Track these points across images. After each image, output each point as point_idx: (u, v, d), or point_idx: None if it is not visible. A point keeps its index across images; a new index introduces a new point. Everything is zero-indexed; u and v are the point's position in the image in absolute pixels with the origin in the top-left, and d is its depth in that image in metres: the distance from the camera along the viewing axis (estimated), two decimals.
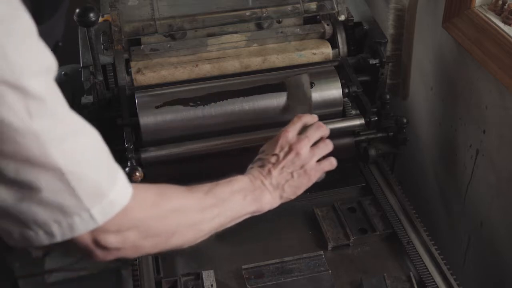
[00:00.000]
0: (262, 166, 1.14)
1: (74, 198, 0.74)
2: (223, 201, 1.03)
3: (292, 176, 1.14)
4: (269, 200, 1.12)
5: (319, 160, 1.18)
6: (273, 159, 1.14)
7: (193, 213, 0.96)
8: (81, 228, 0.76)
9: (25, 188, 0.71)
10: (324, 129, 1.21)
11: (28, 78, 0.66)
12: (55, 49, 0.84)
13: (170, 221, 0.91)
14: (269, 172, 1.13)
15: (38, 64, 0.70)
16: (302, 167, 1.15)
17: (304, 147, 1.16)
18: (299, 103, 1.32)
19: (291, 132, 1.18)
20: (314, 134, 1.19)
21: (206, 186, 1.02)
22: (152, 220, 0.87)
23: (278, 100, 1.35)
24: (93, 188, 0.76)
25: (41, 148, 0.69)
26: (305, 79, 1.33)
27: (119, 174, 0.81)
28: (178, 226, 0.93)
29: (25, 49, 0.67)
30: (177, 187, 0.96)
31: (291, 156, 1.14)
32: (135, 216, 0.83)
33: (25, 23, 0.69)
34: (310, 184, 1.17)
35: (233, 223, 1.06)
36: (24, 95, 0.66)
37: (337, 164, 1.42)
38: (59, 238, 0.76)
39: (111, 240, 0.81)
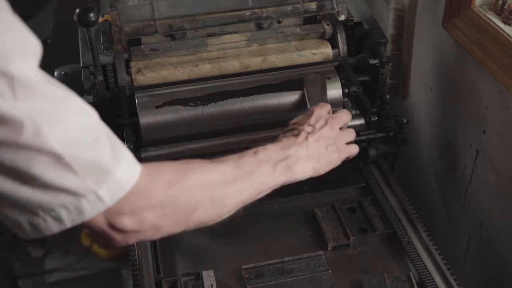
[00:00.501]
0: (296, 135, 1.11)
1: (77, 180, 0.72)
2: (250, 173, 0.99)
3: (327, 150, 1.13)
4: (302, 169, 1.09)
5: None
6: (309, 129, 1.12)
7: (216, 187, 0.93)
8: (90, 211, 0.75)
9: (25, 174, 0.70)
10: (350, 117, 1.24)
11: (14, 63, 0.65)
12: (44, 47, 0.83)
13: (190, 197, 0.88)
14: (306, 139, 1.10)
15: (24, 48, 0.68)
16: (335, 142, 1.15)
17: (338, 124, 1.17)
18: (315, 98, 1.32)
19: (324, 110, 1.19)
20: (345, 117, 1.21)
21: (231, 159, 0.99)
22: (169, 198, 0.84)
23: (278, 99, 1.35)
24: (96, 168, 0.74)
25: (34, 131, 0.68)
26: (323, 79, 1.35)
27: (125, 153, 0.79)
28: (200, 201, 0.89)
29: (9, 34, 0.67)
30: (200, 161, 0.94)
31: (326, 128, 1.14)
32: (150, 195, 0.81)
33: (5, 9, 0.68)
34: (339, 162, 1.17)
35: (262, 195, 1.04)
36: (10, 79, 0.65)
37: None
38: (68, 223, 0.75)
39: (126, 222, 0.79)
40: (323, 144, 1.13)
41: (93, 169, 0.74)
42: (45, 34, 0.92)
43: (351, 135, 1.21)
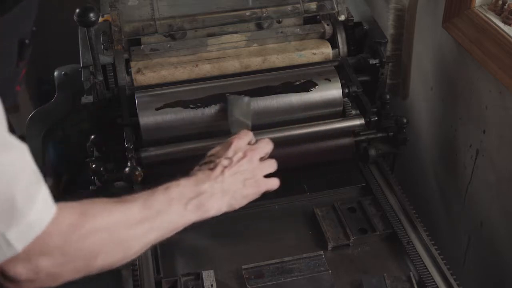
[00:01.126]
0: (212, 169, 1.06)
1: None
2: (159, 213, 0.94)
3: (244, 185, 1.09)
4: (216, 206, 1.04)
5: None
6: (225, 162, 1.08)
7: (121, 230, 0.87)
8: None
9: None
10: (271, 147, 1.18)
11: None
12: (21, 48, 0.81)
13: (93, 242, 0.82)
14: (221, 174, 1.06)
15: None
16: (253, 176, 1.10)
17: (256, 156, 1.12)
18: (238, 123, 1.28)
19: (243, 140, 1.13)
20: (265, 147, 1.16)
21: (140, 197, 0.93)
22: (70, 244, 0.78)
23: (277, 100, 1.35)
24: (6, 207, 0.68)
25: None
26: (247, 102, 1.31)
27: (41, 194, 0.73)
28: (103, 246, 0.84)
29: None
30: (107, 201, 0.87)
31: (244, 162, 1.09)
32: (49, 241, 0.74)
33: None
34: (256, 196, 1.13)
35: (172, 234, 0.98)
36: None
37: (337, 164, 1.43)
38: None
39: (20, 270, 0.72)
40: (240, 178, 1.08)
41: (3, 208, 0.68)
42: (23, 34, 0.90)
43: (271, 166, 1.16)
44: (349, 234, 1.25)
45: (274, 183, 1.16)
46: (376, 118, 1.37)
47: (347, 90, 1.38)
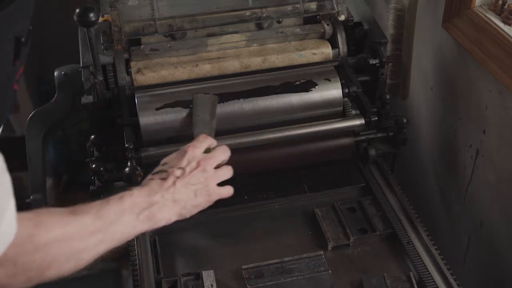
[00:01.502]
0: (164, 179, 1.07)
1: None
2: (111, 223, 0.95)
3: (195, 195, 1.09)
4: (166, 216, 1.05)
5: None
6: (178, 172, 1.08)
7: (74, 242, 0.88)
8: None
9: None
10: (229, 154, 1.18)
11: None
12: (18, 46, 0.81)
13: (46, 253, 0.83)
14: (173, 185, 1.06)
15: None
16: (205, 186, 1.10)
17: (211, 165, 1.12)
18: (202, 123, 1.27)
19: (198, 148, 1.13)
20: (220, 156, 1.16)
21: (94, 207, 0.95)
22: (23, 255, 0.79)
23: (277, 100, 1.35)
24: None
25: None
26: (213, 101, 1.30)
27: (10, 207, 0.75)
28: (56, 257, 0.85)
29: None
30: (62, 212, 0.89)
31: (197, 172, 1.09)
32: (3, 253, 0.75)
33: None
34: (207, 205, 1.13)
35: (122, 243, 1.00)
36: None
37: (337, 164, 1.43)
38: None
39: None
40: (192, 189, 1.08)
41: None
42: (19, 32, 0.90)
43: (226, 174, 1.16)
44: (349, 234, 1.25)
45: (226, 192, 1.16)
46: (376, 118, 1.37)
47: (347, 90, 1.38)
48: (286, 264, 1.19)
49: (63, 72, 1.55)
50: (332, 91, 1.37)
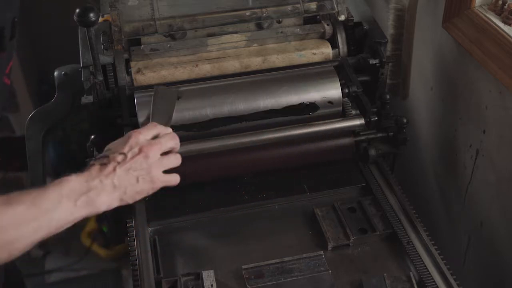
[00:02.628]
0: (105, 164, 1.07)
1: None
2: (47, 211, 0.95)
3: (137, 181, 1.09)
4: (106, 201, 1.06)
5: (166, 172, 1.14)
6: (119, 158, 1.08)
7: (8, 231, 0.89)
8: None
9: None
10: (177, 142, 1.17)
11: None
12: (13, 26, 0.81)
13: None
14: (113, 170, 1.06)
15: None
16: (148, 173, 1.10)
17: (154, 152, 1.11)
18: (159, 114, 1.27)
19: (143, 134, 1.13)
20: (167, 142, 1.15)
21: (30, 194, 0.95)
22: None
23: (277, 100, 1.35)
24: None
25: None
26: (173, 94, 1.30)
27: None
28: None
29: None
30: None
31: (139, 158, 1.09)
32: None
33: None
34: (151, 192, 1.13)
35: (61, 230, 1.00)
36: None
37: (337, 164, 1.43)
38: None
39: None
40: (133, 175, 1.08)
41: None
42: (13, 13, 0.90)
43: (172, 162, 1.15)
44: (349, 234, 1.25)
45: (173, 180, 1.16)
46: (376, 118, 1.37)
47: (347, 90, 1.38)
48: (286, 264, 1.19)
49: (63, 72, 1.55)
50: (331, 91, 1.37)
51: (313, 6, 1.49)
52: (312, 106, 1.36)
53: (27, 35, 2.75)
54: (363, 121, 1.37)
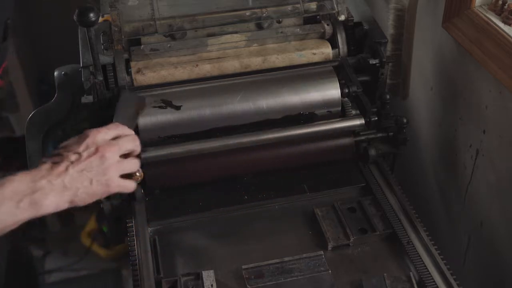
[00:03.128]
0: (57, 163, 1.01)
1: None
2: None
3: (91, 183, 1.02)
4: (53, 202, 0.99)
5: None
6: (73, 157, 1.02)
7: None
8: None
9: None
10: (138, 144, 1.12)
11: None
12: (6, 27, 0.81)
13: None
14: (65, 170, 1.00)
15: None
16: (104, 175, 1.04)
17: (112, 153, 1.05)
18: (123, 117, 1.22)
19: (102, 133, 1.07)
20: (126, 144, 1.09)
21: None
22: None
23: (277, 100, 1.35)
24: None
25: None
26: (141, 100, 1.27)
27: None
28: None
29: None
30: None
31: (95, 158, 1.03)
32: None
33: None
34: (104, 195, 1.07)
35: (4, 232, 0.95)
36: None
37: (337, 164, 1.43)
38: None
39: None
40: (87, 176, 1.02)
41: None
42: (5, 14, 0.90)
43: (133, 165, 1.10)
44: (349, 234, 1.25)
45: (129, 186, 1.11)
46: (376, 118, 1.37)
47: (347, 90, 1.38)
48: (286, 264, 1.19)
49: (63, 72, 1.55)
50: (330, 91, 1.37)
51: (313, 6, 1.49)
52: (310, 116, 1.36)
53: (27, 35, 2.76)
54: (363, 121, 1.37)
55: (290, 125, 1.36)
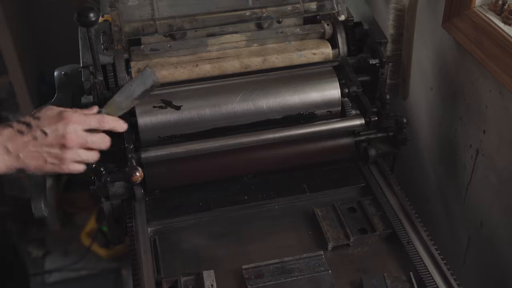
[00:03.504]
0: (22, 132, 1.05)
1: None
2: None
3: (45, 163, 1.07)
4: (1, 168, 1.04)
5: None
6: (38, 134, 1.06)
7: None
8: None
9: None
10: (107, 145, 1.15)
11: None
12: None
13: None
14: (25, 144, 1.04)
15: None
16: (60, 161, 1.08)
17: (76, 146, 1.09)
18: (126, 93, 1.24)
19: (77, 124, 1.09)
20: (95, 143, 1.12)
21: None
22: None
23: (277, 100, 1.35)
24: None
25: None
26: (153, 84, 1.24)
27: None
28: None
29: None
30: None
31: (57, 145, 1.07)
32: None
33: None
34: (60, 171, 1.11)
35: None
36: None
37: (337, 164, 1.43)
38: None
39: None
40: (43, 156, 1.06)
41: None
42: None
43: (100, 141, 1.13)
44: (349, 234, 1.25)
45: (78, 169, 1.14)
46: (376, 118, 1.37)
47: (347, 90, 1.38)
48: (286, 264, 1.19)
49: (63, 72, 1.55)
50: (330, 91, 1.37)
51: (313, 6, 1.49)
52: (310, 116, 1.36)
53: (27, 35, 2.76)
54: (363, 121, 1.37)
55: (290, 125, 1.36)
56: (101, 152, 1.31)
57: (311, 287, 1.16)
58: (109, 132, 1.20)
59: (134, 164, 1.24)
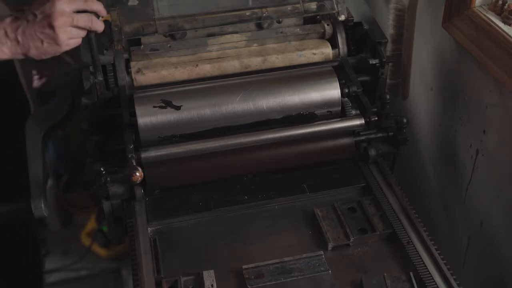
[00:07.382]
0: (17, 18, 1.15)
1: None
2: None
3: (42, 44, 1.16)
4: (7, 53, 1.15)
5: None
6: (30, 17, 1.15)
7: None
8: None
9: None
10: (94, 24, 1.23)
11: None
12: None
13: None
14: (20, 27, 1.14)
15: None
16: (53, 39, 1.16)
17: (63, 24, 1.16)
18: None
19: (63, 3, 1.17)
20: (81, 21, 1.20)
21: None
22: None
23: (277, 100, 1.35)
24: None
25: None
26: None
27: None
28: None
29: None
30: None
31: (46, 24, 1.15)
32: None
33: None
34: (58, 53, 1.20)
35: None
36: None
37: (337, 164, 1.43)
38: None
39: None
40: (38, 37, 1.15)
41: None
42: None
43: (86, 20, 1.20)
44: (349, 234, 1.25)
45: (77, 42, 1.22)
46: (376, 118, 1.37)
47: (347, 90, 1.38)
48: (286, 264, 1.19)
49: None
50: (330, 91, 1.37)
51: (313, 6, 1.49)
52: (310, 116, 1.36)
53: None
54: (363, 121, 1.37)
55: (290, 125, 1.36)
56: (101, 152, 1.32)
57: (311, 287, 1.16)
58: (109, 132, 1.20)
59: (134, 164, 1.24)
